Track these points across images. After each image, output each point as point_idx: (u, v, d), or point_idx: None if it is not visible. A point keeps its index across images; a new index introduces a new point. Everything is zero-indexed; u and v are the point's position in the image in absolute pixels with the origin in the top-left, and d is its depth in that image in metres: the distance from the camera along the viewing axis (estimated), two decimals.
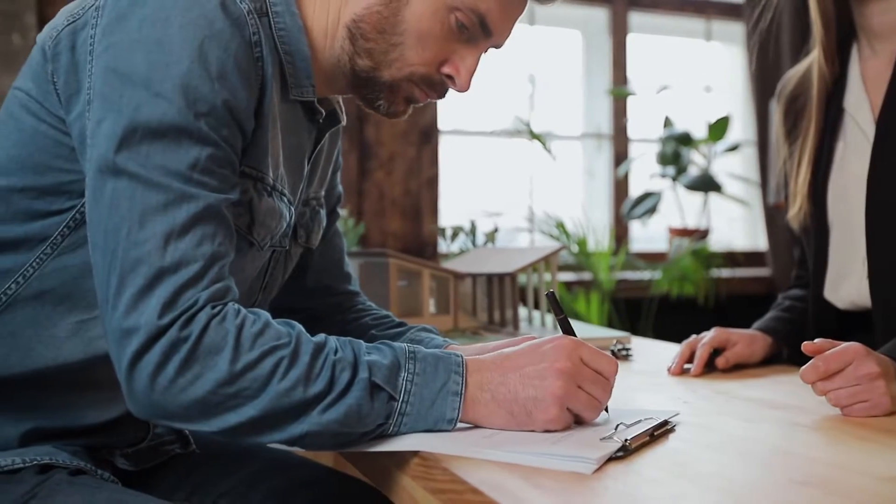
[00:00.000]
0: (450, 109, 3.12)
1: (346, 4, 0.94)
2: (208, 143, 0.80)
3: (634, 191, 3.29)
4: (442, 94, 0.97)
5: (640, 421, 0.85)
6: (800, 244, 1.40)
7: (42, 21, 2.48)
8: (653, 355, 1.37)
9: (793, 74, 1.40)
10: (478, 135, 3.25)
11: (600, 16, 3.33)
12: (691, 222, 3.21)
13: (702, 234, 3.17)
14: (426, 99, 0.97)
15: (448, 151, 3.13)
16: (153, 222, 0.77)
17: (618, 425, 0.83)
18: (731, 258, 3.28)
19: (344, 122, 1.08)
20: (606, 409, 0.88)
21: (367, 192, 2.93)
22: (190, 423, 0.78)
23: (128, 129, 0.78)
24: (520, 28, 3.32)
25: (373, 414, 0.79)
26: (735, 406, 0.99)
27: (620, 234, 3.32)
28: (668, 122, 3.17)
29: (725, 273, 3.15)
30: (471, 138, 3.27)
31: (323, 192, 1.13)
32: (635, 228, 3.36)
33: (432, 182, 3.02)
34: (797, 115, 1.36)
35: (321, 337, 0.81)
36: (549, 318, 1.50)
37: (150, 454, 1.02)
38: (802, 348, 0.96)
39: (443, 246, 2.37)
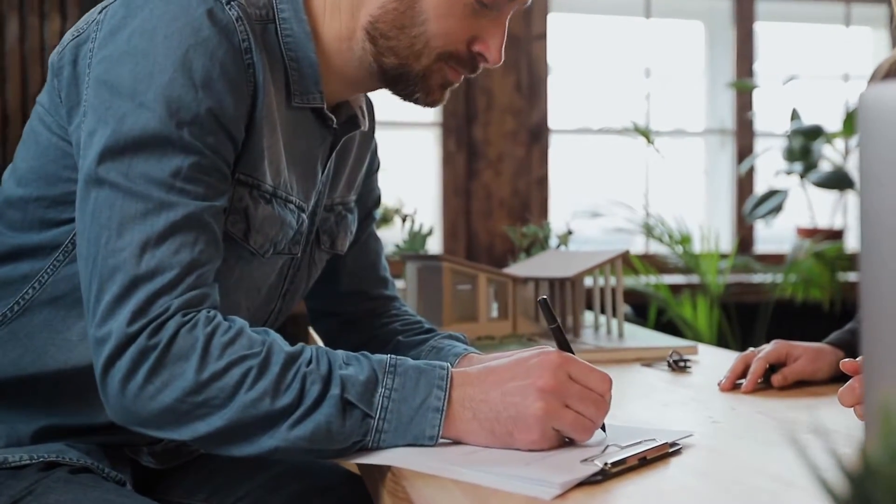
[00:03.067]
0: (562, 107, 3.05)
1: (361, 7, 0.92)
2: (192, 152, 0.81)
3: (759, 189, 3.10)
4: (475, 70, 0.96)
5: (639, 442, 0.78)
6: None
7: None
8: (720, 368, 1.27)
9: None
10: (589, 133, 3.16)
11: (724, 5, 3.17)
12: (822, 222, 2.99)
13: (833, 235, 2.95)
14: (460, 78, 0.96)
15: (560, 150, 3.06)
16: (131, 231, 0.78)
17: (608, 446, 0.77)
18: None
19: (365, 128, 1.06)
20: (603, 428, 0.82)
21: (475, 192, 2.91)
22: (162, 430, 0.78)
23: (111, 140, 0.80)
24: (636, 22, 3.20)
25: (345, 432, 0.77)
26: (768, 429, 0.90)
27: (744, 234, 3.14)
28: (794, 116, 2.97)
29: (856, 276, 2.92)
30: (584, 137, 3.19)
31: (353, 197, 1.12)
32: (761, 229, 3.17)
33: (542, 182, 2.97)
34: None
35: (297, 347, 0.80)
36: (615, 325, 1.43)
37: (175, 453, 1.04)
38: (840, 366, 0.86)
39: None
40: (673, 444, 0.79)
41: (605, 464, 0.72)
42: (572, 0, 3.08)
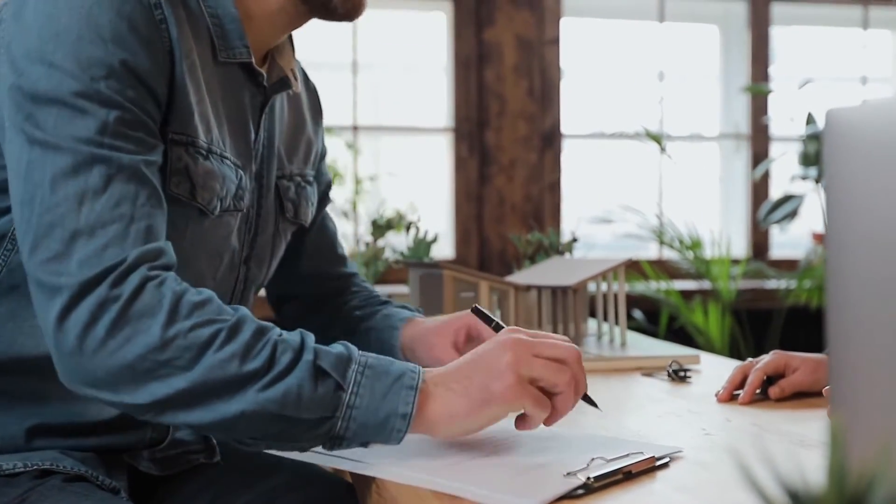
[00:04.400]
0: (575, 112, 3.05)
1: None
2: (113, 106, 0.80)
3: (775, 194, 3.08)
4: None
5: (626, 455, 0.78)
6: None
7: None
8: (720, 378, 1.27)
9: None
10: (602, 138, 3.15)
11: (739, 9, 3.15)
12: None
13: None
14: None
15: (573, 155, 3.05)
16: (65, 186, 0.77)
17: (593, 459, 0.77)
18: None
19: (297, 90, 1.07)
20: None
21: (487, 197, 2.91)
22: (117, 392, 0.76)
23: (32, 103, 0.80)
24: (649, 26, 3.19)
25: (316, 400, 0.75)
26: (761, 442, 0.89)
27: (759, 240, 3.12)
28: (810, 120, 2.95)
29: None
30: (597, 142, 3.18)
31: (311, 172, 1.15)
32: (776, 235, 3.14)
33: (554, 187, 2.96)
34: None
35: (267, 323, 0.80)
36: (618, 333, 1.43)
37: (175, 460, 1.04)
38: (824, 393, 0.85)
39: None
40: (660, 458, 0.79)
41: (588, 478, 0.71)
42: (585, 4, 3.08)
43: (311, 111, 1.18)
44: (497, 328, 0.91)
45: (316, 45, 3.06)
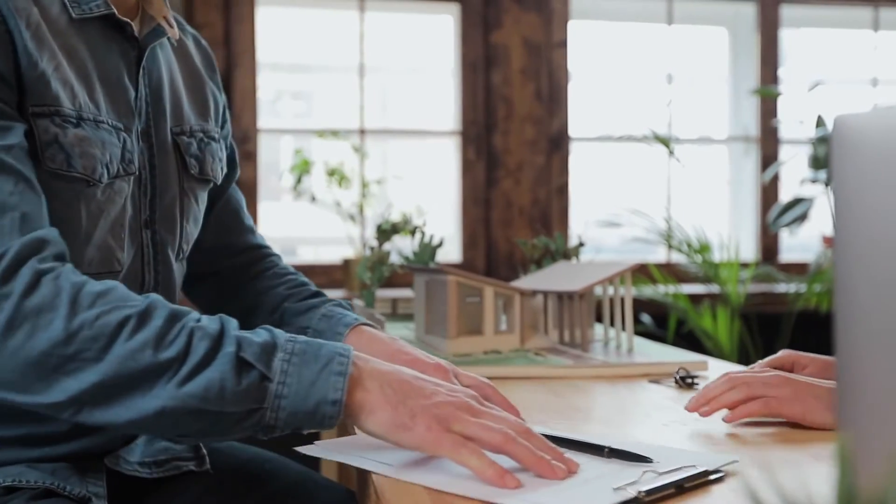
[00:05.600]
0: (583, 115, 3.03)
1: None
2: None
3: (784, 197, 3.06)
4: None
5: (678, 469, 0.73)
6: None
7: None
8: None
9: None
10: (610, 141, 3.14)
11: (749, 11, 3.13)
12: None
13: None
14: None
15: (581, 158, 3.04)
16: None
17: (645, 472, 0.73)
18: None
19: (175, 36, 1.01)
20: (643, 459, 0.76)
21: (494, 201, 2.90)
22: (29, 392, 0.72)
23: None
24: (658, 28, 3.17)
25: (240, 393, 0.72)
26: (768, 459, 0.87)
27: (768, 243, 3.09)
28: (820, 122, 2.92)
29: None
30: (605, 145, 3.16)
31: (214, 127, 1.10)
32: (786, 238, 3.12)
33: (562, 190, 2.95)
34: None
35: (182, 308, 0.76)
36: (624, 339, 1.41)
37: (163, 465, 1.01)
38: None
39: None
40: (714, 472, 0.74)
41: (639, 492, 0.68)
42: (593, 7, 3.06)
43: (204, 66, 1.12)
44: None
45: (323, 48, 3.05)
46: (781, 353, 1.12)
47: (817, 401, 0.93)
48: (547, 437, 0.79)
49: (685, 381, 1.21)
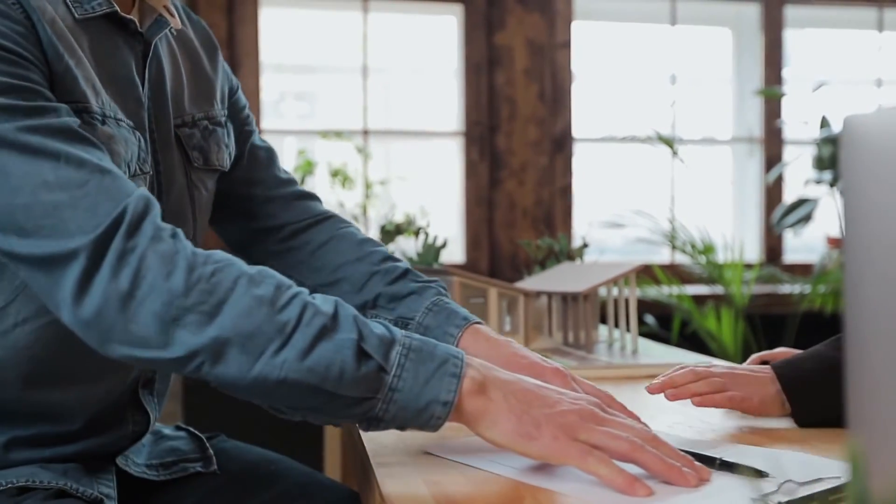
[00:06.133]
0: (586, 116, 3.03)
1: None
2: (7, 91, 0.76)
3: (789, 198, 3.05)
4: None
5: (820, 479, 0.70)
6: None
7: None
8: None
9: None
10: (614, 141, 3.13)
11: (752, 12, 3.12)
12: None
13: None
14: None
15: (584, 159, 3.04)
16: (21, 174, 0.74)
17: (785, 482, 0.70)
18: None
19: (177, 26, 0.99)
20: (759, 473, 0.73)
21: (498, 201, 2.89)
22: (153, 347, 0.72)
23: None
24: (661, 29, 3.17)
25: (359, 379, 0.71)
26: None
27: (772, 244, 3.09)
28: (824, 123, 2.92)
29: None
30: (609, 146, 3.16)
31: (220, 110, 1.07)
32: (790, 239, 3.11)
33: (565, 191, 2.94)
34: None
35: (290, 280, 0.76)
36: (629, 340, 1.41)
37: (171, 466, 1.02)
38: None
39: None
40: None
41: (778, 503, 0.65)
42: (596, 8, 3.06)
43: (204, 48, 1.10)
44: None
45: (326, 49, 3.05)
46: (777, 349, 1.14)
47: (767, 389, 0.97)
48: None
49: None
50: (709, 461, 0.77)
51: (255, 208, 1.11)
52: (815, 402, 0.94)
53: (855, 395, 0.45)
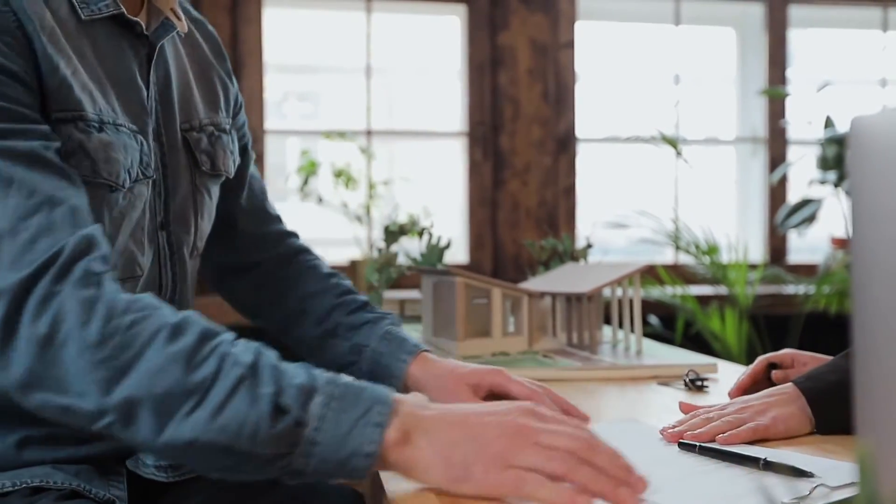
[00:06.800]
0: (590, 116, 3.03)
1: None
2: None
3: (793, 198, 3.05)
4: None
5: (852, 484, 0.70)
6: None
7: None
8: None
9: None
10: (618, 141, 3.13)
11: (756, 11, 3.12)
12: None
13: None
14: None
15: (588, 159, 3.03)
16: None
17: (817, 486, 0.69)
18: None
19: (184, 29, 0.99)
20: (802, 473, 0.73)
21: (501, 202, 2.89)
22: (65, 395, 0.70)
23: None
24: (665, 29, 3.17)
25: (273, 436, 0.68)
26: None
27: (776, 244, 3.08)
28: (829, 123, 2.91)
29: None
30: (612, 146, 3.16)
31: (225, 119, 1.08)
32: (794, 239, 3.11)
33: (569, 192, 2.94)
34: None
35: (216, 327, 0.74)
36: (633, 341, 1.40)
37: (179, 467, 1.02)
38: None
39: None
40: None
41: None
42: (600, 8, 3.05)
43: (213, 54, 1.10)
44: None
45: (329, 49, 3.05)
46: (783, 350, 1.13)
47: (789, 408, 0.92)
48: (700, 448, 0.80)
49: (695, 384, 1.20)
50: (753, 461, 0.77)
51: (239, 242, 1.14)
52: (841, 412, 0.90)
53: (863, 397, 0.44)
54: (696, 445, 0.83)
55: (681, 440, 0.86)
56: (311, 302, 1.11)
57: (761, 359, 1.12)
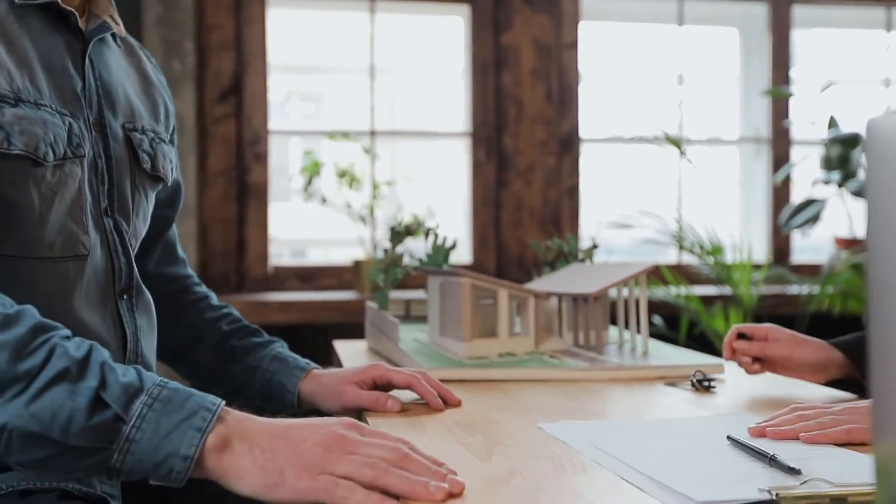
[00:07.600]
0: (593, 116, 3.02)
1: None
2: None
3: (796, 198, 3.05)
4: None
5: (855, 484, 0.68)
6: None
7: (200, 48, 2.64)
8: (745, 388, 1.24)
9: None
10: (621, 142, 3.13)
11: (760, 12, 3.11)
12: (861, 232, 2.92)
13: None
14: None
15: (592, 160, 3.03)
16: None
17: (810, 479, 0.69)
18: None
19: (121, 33, 1.06)
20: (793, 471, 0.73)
21: (505, 202, 2.89)
22: None
23: None
24: (669, 29, 3.16)
25: (88, 429, 0.70)
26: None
27: (780, 245, 3.08)
28: (832, 123, 2.91)
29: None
30: (616, 146, 3.16)
31: (164, 133, 1.14)
32: (798, 240, 3.11)
33: (572, 192, 2.94)
34: None
35: (53, 323, 0.75)
36: (640, 342, 1.40)
37: None
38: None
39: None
40: None
41: (774, 493, 0.64)
42: (603, 8, 3.05)
43: (156, 75, 1.18)
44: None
45: (333, 49, 3.05)
46: (764, 325, 1.20)
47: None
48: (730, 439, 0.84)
49: (702, 385, 1.20)
50: (763, 457, 0.79)
51: (149, 269, 1.21)
52: None
53: (881, 399, 0.44)
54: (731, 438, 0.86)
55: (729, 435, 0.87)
56: (205, 329, 1.21)
57: (735, 327, 1.16)
